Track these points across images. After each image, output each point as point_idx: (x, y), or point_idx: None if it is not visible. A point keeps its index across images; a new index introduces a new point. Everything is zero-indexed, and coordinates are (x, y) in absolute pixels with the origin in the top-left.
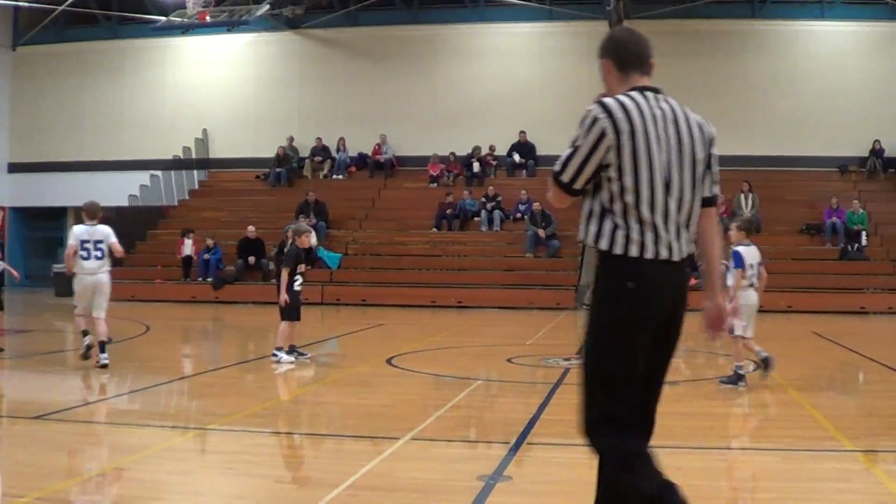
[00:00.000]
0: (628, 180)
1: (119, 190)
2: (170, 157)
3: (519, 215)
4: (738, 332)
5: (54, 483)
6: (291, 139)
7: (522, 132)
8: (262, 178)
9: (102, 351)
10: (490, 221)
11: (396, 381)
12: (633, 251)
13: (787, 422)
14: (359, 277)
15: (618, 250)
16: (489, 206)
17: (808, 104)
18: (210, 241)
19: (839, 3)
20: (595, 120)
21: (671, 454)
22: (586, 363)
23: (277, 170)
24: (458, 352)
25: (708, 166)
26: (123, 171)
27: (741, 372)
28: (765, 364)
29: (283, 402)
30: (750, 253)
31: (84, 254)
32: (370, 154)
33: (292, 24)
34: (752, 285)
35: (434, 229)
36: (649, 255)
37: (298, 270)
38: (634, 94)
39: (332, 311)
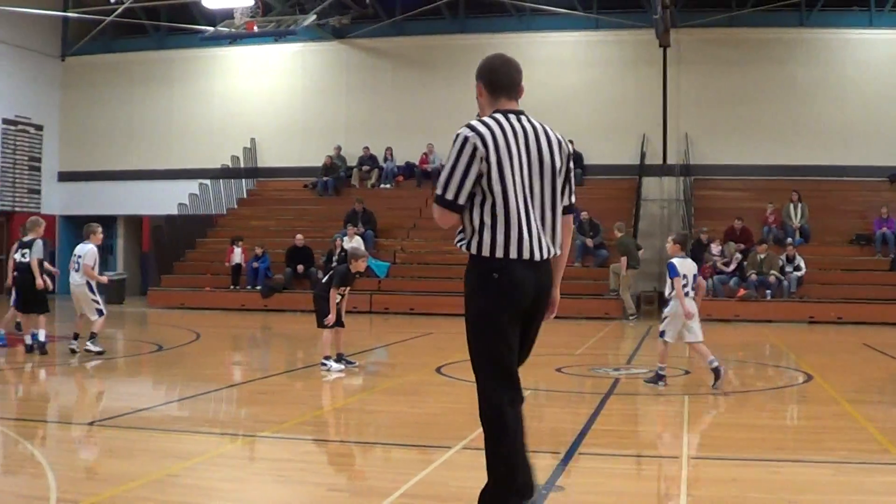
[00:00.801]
0: (495, 188)
1: (168, 199)
2: (218, 166)
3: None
4: (667, 338)
5: (108, 489)
6: (339, 148)
7: (570, 141)
8: (310, 187)
9: (75, 339)
10: None
11: (446, 389)
12: (498, 252)
13: (840, 434)
14: (407, 286)
15: (484, 252)
16: None
17: (856, 113)
18: (259, 250)
19: (888, 11)
20: (466, 139)
21: (725, 466)
22: (468, 339)
23: (325, 179)
24: None
25: (567, 178)
26: (172, 180)
27: (661, 373)
28: (715, 374)
29: (333, 410)
30: (685, 265)
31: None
32: (417, 163)
33: (339, 34)
34: (687, 294)
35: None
36: (513, 255)
37: (341, 291)
38: (498, 115)
39: (381, 320)
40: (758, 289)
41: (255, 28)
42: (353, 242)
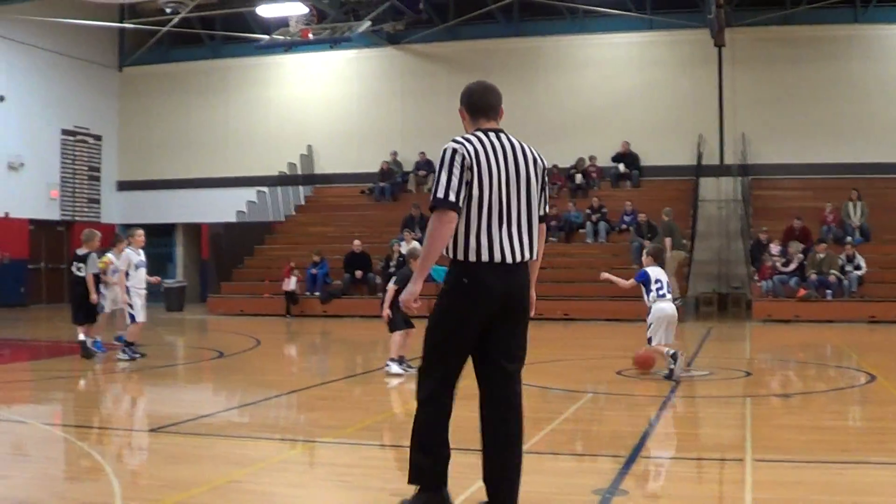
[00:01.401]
0: (475, 196)
1: (227, 206)
2: (276, 173)
3: (624, 226)
4: (654, 343)
5: (172, 495)
6: (395, 154)
7: (626, 142)
8: (367, 192)
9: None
10: (595, 233)
11: None
12: (472, 257)
13: None
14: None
15: (459, 256)
16: (594, 217)
17: None
18: (317, 256)
19: None
20: (455, 150)
21: (791, 468)
22: (427, 329)
23: (381, 184)
24: (567, 364)
25: (542, 190)
26: (230, 188)
27: (672, 367)
28: (672, 359)
29: (395, 414)
30: (655, 271)
31: None
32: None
33: (393, 40)
34: (663, 296)
35: None
36: (484, 258)
37: None
38: (478, 133)
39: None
40: (818, 289)
41: (310, 36)
42: (411, 247)
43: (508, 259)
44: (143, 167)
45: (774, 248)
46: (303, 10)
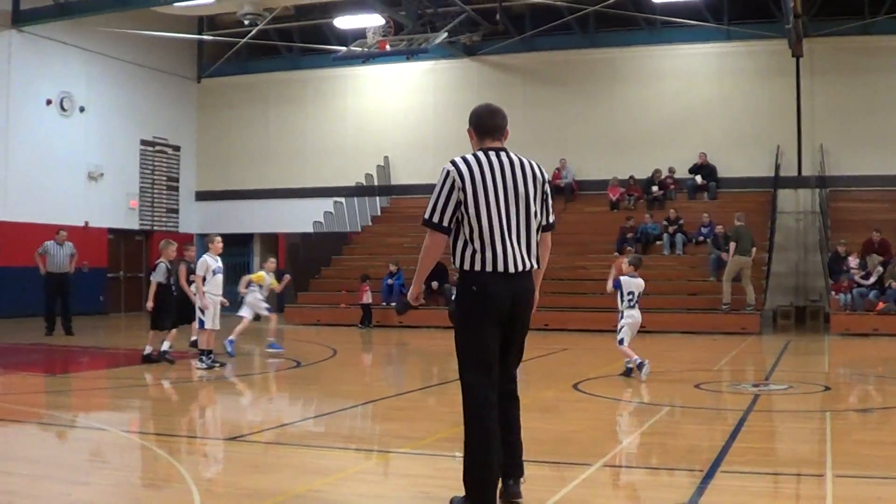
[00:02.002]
0: (472, 212)
1: (304, 217)
2: (353, 183)
3: (701, 238)
4: (625, 344)
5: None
6: None
7: (702, 154)
8: None
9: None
10: (672, 245)
11: (584, 406)
12: (477, 267)
13: None
14: (541, 302)
15: (466, 266)
16: (671, 229)
17: None
18: (393, 267)
19: None
20: (448, 173)
21: (871, 485)
22: (455, 338)
23: None
24: (644, 377)
25: (544, 202)
26: (308, 199)
27: (630, 366)
28: (639, 367)
29: None
30: (634, 282)
31: None
32: (550, 179)
33: (469, 51)
34: (632, 307)
35: (615, 253)
36: (488, 268)
37: None
38: (479, 153)
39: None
40: None
41: (388, 47)
42: None
43: (511, 268)
44: (221, 177)
45: (853, 260)
46: (380, 21)
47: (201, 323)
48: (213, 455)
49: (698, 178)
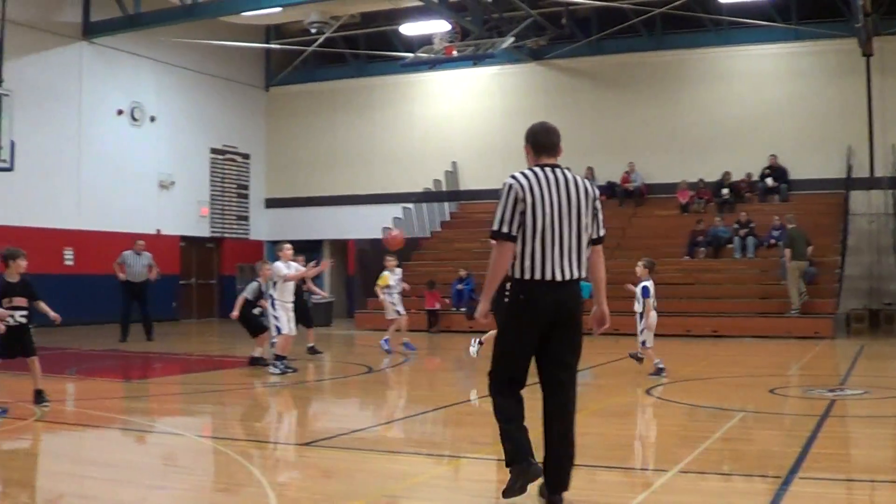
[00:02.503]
0: (528, 223)
1: (373, 222)
2: (421, 189)
3: (773, 241)
4: (648, 345)
5: None
6: None
7: (773, 156)
8: None
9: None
10: (743, 248)
11: (657, 411)
12: (526, 275)
13: None
14: (611, 307)
15: (516, 275)
16: (742, 232)
17: None
18: (463, 272)
19: None
20: (510, 186)
21: None
22: (495, 343)
23: None
24: (718, 382)
25: (594, 216)
26: (376, 205)
27: (660, 366)
28: (657, 371)
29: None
30: (651, 285)
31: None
32: (619, 182)
33: (536, 56)
34: (654, 309)
35: (686, 257)
36: (537, 276)
37: None
38: (536, 168)
39: (586, 341)
40: None
41: (455, 53)
42: None
43: (558, 277)
44: (290, 184)
45: None
46: (446, 27)
47: (278, 329)
48: (288, 460)
49: (769, 181)
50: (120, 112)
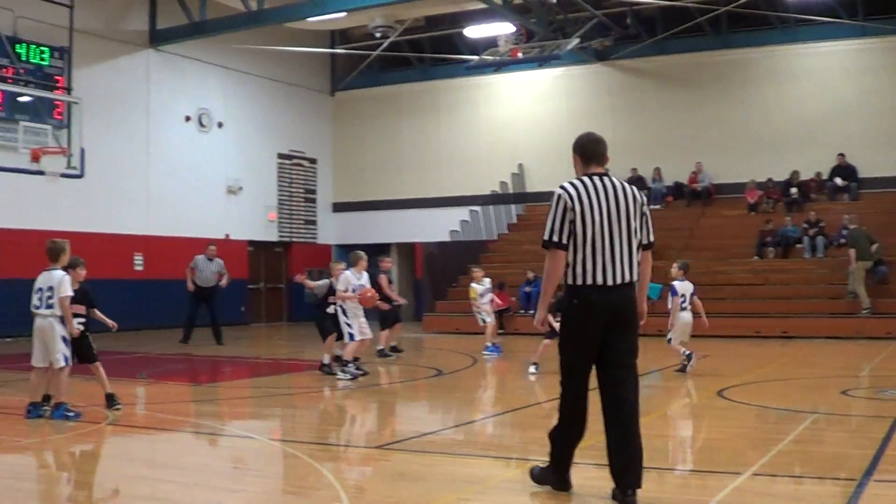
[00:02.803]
0: (579, 230)
1: (440, 225)
2: (488, 192)
3: (843, 241)
4: (674, 342)
5: None
6: (606, 171)
7: (841, 154)
8: None
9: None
10: (813, 248)
11: (729, 413)
12: (579, 281)
13: None
14: None
15: (570, 281)
16: (811, 232)
17: None
18: (531, 274)
19: None
20: (559, 196)
21: None
22: (559, 353)
23: None
24: (789, 384)
25: (643, 222)
26: (443, 208)
27: (685, 362)
28: (687, 358)
29: None
30: (684, 286)
31: None
32: (686, 182)
33: (601, 56)
34: (684, 309)
35: (755, 257)
36: (589, 282)
37: None
38: (584, 177)
39: (653, 343)
40: None
41: (520, 55)
42: None
43: (609, 281)
44: (357, 188)
45: None
46: (511, 29)
47: (351, 336)
48: (360, 463)
49: (838, 180)
50: (188, 118)
